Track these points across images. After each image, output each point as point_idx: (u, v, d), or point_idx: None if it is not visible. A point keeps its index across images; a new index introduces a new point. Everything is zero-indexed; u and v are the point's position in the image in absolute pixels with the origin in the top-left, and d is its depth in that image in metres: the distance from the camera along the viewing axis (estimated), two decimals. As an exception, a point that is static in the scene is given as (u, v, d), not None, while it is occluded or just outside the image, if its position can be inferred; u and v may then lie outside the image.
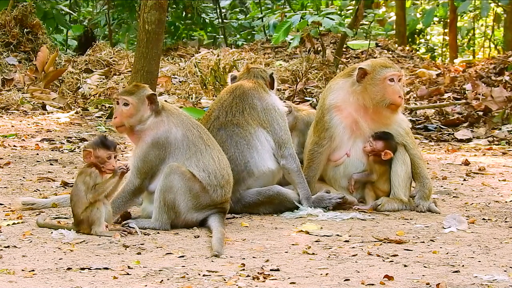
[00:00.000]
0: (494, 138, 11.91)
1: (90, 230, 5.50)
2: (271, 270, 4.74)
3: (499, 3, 18.74)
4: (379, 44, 18.42)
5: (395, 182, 6.73)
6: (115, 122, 5.98)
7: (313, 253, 5.19)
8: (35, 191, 7.05)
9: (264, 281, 4.53)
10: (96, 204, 5.49)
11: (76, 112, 12.72)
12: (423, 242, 5.58)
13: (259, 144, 6.44)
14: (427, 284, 4.51)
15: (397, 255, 5.18)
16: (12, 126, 11.12)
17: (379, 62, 6.80)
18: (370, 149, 6.72)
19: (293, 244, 5.42)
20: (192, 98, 13.73)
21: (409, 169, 6.75)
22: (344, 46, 16.30)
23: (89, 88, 14.36)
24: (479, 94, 13.85)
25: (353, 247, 5.37)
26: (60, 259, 4.90)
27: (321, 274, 4.70)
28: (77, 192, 5.52)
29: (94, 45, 16.85)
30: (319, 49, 16.69)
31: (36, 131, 10.78)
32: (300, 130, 7.36)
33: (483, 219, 6.43)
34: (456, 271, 4.80)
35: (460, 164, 9.42)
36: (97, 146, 5.55)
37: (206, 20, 20.92)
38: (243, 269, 4.75)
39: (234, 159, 6.35)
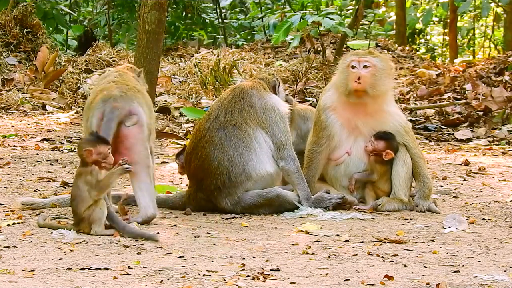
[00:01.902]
0: (494, 138, 11.91)
1: (90, 229, 5.50)
2: (271, 270, 4.74)
3: (499, 3, 18.74)
4: (379, 44, 18.42)
5: (396, 182, 6.73)
6: None
7: (313, 253, 5.19)
8: (35, 191, 7.05)
9: (264, 281, 4.53)
10: (99, 203, 5.48)
11: (76, 112, 12.72)
12: (423, 242, 5.58)
13: (258, 146, 6.43)
14: (427, 284, 4.51)
15: (397, 255, 5.18)
16: (12, 126, 11.12)
17: (349, 52, 6.88)
18: (372, 149, 6.72)
19: (293, 244, 5.42)
20: (192, 98, 13.73)
21: (410, 169, 6.75)
22: (344, 46, 16.30)
23: (89, 88, 14.35)
24: (479, 94, 13.85)
25: (353, 247, 5.37)
26: (60, 259, 4.90)
27: (321, 274, 4.70)
28: (80, 193, 5.50)
29: (94, 45, 16.85)
30: (319, 49, 16.69)
31: (36, 131, 10.78)
32: (296, 124, 7.38)
33: (483, 219, 6.43)
34: (456, 271, 4.80)
35: (460, 164, 9.42)
36: (96, 143, 5.54)
37: (206, 20, 20.91)
38: (243, 269, 4.75)
39: (233, 161, 6.35)
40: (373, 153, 6.73)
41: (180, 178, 7.81)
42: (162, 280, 4.49)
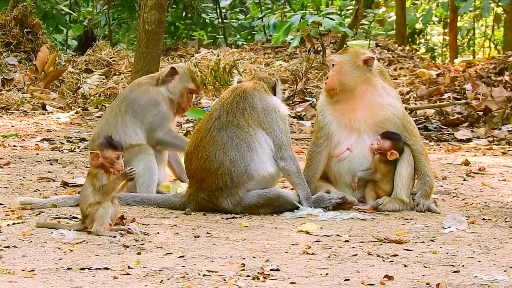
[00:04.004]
0: (494, 138, 11.91)
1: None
2: (271, 270, 4.74)
3: (499, 3, 18.74)
4: (379, 44, 18.43)
5: (398, 182, 6.71)
6: None
7: (313, 253, 5.19)
8: (35, 191, 7.05)
9: (264, 281, 4.53)
10: (103, 203, 5.48)
11: (76, 112, 12.73)
12: (423, 242, 5.58)
13: (259, 146, 6.43)
14: (427, 284, 4.51)
15: (397, 255, 5.18)
16: (12, 126, 11.13)
17: None
18: (377, 147, 6.70)
19: (293, 244, 5.42)
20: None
21: (413, 170, 6.74)
22: (344, 46, 16.31)
23: (89, 88, 14.38)
24: (479, 94, 13.86)
25: (353, 247, 5.37)
26: (60, 259, 4.90)
27: (321, 274, 4.70)
28: (84, 190, 5.54)
29: (94, 45, 16.86)
30: (319, 49, 16.70)
31: (36, 131, 10.79)
32: None
33: (483, 219, 6.43)
34: (456, 271, 4.79)
35: (460, 164, 9.42)
36: (104, 147, 5.53)
37: (206, 20, 20.92)
38: (243, 269, 4.75)
39: (235, 161, 6.34)
40: (378, 152, 6.72)
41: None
42: (162, 280, 4.49)
